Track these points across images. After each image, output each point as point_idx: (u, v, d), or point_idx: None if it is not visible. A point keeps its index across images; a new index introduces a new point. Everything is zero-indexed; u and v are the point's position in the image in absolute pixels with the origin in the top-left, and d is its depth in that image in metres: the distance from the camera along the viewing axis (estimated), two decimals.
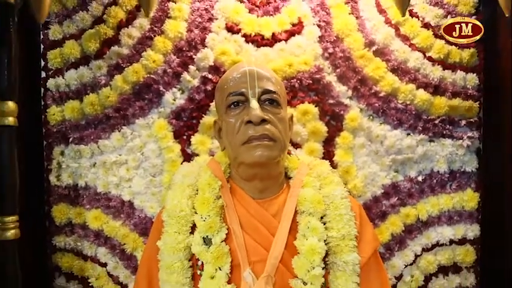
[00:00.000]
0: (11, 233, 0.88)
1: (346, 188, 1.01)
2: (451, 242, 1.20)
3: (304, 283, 0.82)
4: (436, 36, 1.18)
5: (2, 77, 0.85)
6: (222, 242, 0.85)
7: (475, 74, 1.19)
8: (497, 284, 1.18)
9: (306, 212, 0.88)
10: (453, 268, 1.21)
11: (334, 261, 0.86)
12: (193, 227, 0.88)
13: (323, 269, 0.84)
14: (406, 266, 1.20)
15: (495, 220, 1.19)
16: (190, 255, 0.87)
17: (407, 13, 1.15)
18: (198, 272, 0.85)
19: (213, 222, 0.86)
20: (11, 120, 0.87)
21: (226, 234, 0.86)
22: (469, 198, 1.19)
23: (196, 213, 0.88)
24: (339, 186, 0.94)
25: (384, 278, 0.93)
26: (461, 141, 1.19)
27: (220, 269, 0.82)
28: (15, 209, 0.89)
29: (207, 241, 0.84)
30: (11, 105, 0.87)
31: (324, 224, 0.88)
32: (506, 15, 0.99)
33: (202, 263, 0.84)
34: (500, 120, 1.15)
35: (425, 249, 1.20)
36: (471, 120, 1.20)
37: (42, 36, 1.18)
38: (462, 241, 1.20)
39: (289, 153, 1.00)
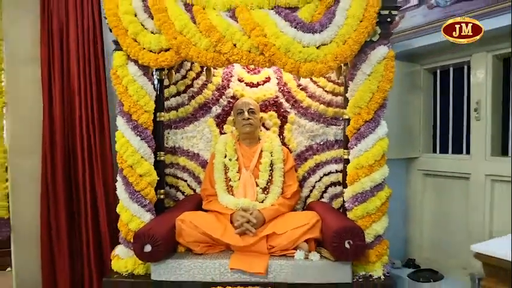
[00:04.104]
0: (162, 159, 2.39)
1: (288, 145, 2.47)
2: (336, 171, 2.48)
3: (262, 172, 2.29)
4: (329, 81, 2.50)
5: (160, 103, 2.34)
6: (235, 160, 2.32)
7: None
8: None
9: (265, 150, 2.34)
10: (338, 183, 2.49)
11: (274, 167, 2.31)
12: (226, 155, 2.35)
13: (270, 170, 2.31)
14: (316, 182, 2.52)
15: None
16: (224, 164, 2.33)
17: None
18: (227, 171, 2.32)
19: (232, 153, 2.33)
20: (162, 119, 2.38)
21: (237, 158, 2.34)
22: (343, 153, 2.55)
23: (226, 150, 2.36)
24: (278, 142, 2.39)
25: (295, 178, 2.38)
26: (340, 127, 2.48)
27: (234, 168, 2.31)
28: (162, 147, 2.39)
29: (231, 160, 2.32)
30: (164, 113, 2.37)
31: (271, 154, 2.35)
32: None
33: (229, 167, 2.32)
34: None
35: (325, 175, 2.50)
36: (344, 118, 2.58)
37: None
38: (341, 171, 2.52)
39: (261, 131, 2.51)
